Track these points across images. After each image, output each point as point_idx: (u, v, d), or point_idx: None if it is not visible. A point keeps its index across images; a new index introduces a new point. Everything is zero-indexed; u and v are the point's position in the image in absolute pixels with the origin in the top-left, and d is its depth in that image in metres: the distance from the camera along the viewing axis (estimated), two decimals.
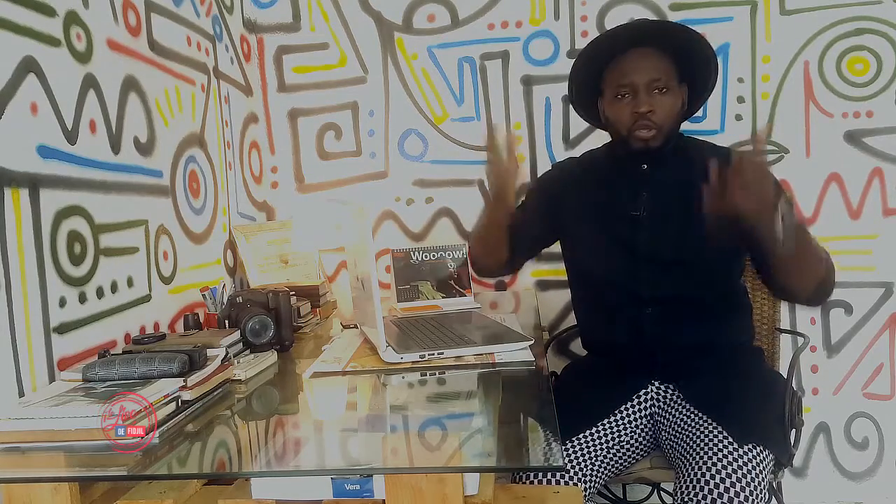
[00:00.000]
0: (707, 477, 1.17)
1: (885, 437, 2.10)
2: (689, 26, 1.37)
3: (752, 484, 1.16)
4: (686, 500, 1.18)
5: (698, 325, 1.38)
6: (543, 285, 2.14)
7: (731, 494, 1.14)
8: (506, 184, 1.37)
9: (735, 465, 1.17)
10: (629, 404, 1.42)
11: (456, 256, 1.88)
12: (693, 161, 1.38)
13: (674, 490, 1.25)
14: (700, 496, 1.16)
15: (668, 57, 1.36)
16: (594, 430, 1.38)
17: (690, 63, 1.37)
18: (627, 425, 1.40)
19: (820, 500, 2.13)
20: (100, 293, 1.29)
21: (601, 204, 1.46)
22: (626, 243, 1.42)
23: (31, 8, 1.14)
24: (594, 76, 1.43)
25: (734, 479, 1.15)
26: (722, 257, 1.40)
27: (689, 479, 1.20)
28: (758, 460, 1.20)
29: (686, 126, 2.02)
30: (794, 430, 1.38)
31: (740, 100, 2.04)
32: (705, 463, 1.19)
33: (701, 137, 1.53)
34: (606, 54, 1.39)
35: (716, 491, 1.15)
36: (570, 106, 1.56)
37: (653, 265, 1.40)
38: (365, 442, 0.95)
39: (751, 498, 1.14)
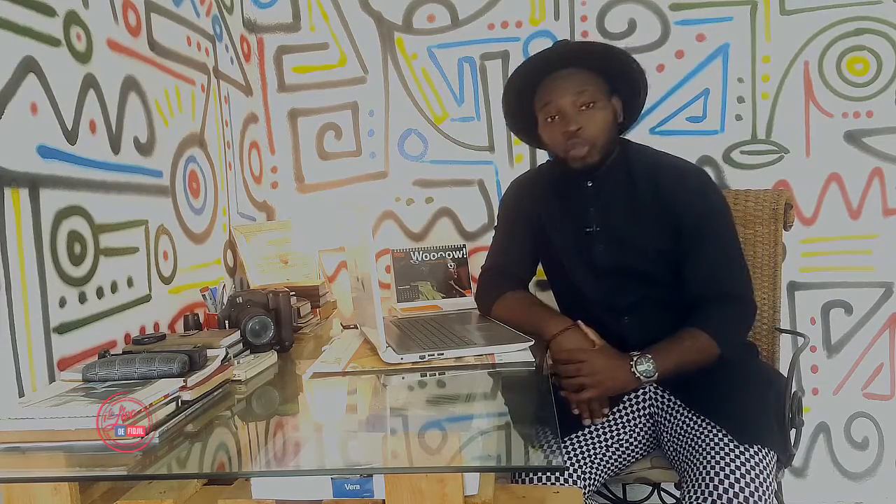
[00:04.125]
0: (716, 482, 1.17)
1: (885, 437, 2.10)
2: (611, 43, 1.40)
3: (762, 487, 1.16)
4: None
5: (679, 328, 1.36)
6: (543, 285, 2.14)
7: (741, 500, 1.14)
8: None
9: (743, 469, 1.17)
10: (628, 403, 1.42)
11: (456, 256, 1.89)
12: (636, 172, 1.41)
13: (680, 495, 1.25)
14: (709, 501, 1.16)
15: (591, 73, 1.37)
16: (593, 429, 1.38)
17: (615, 75, 1.38)
18: (626, 424, 1.40)
19: (820, 500, 2.12)
20: (100, 293, 1.29)
21: (559, 222, 1.48)
22: (586, 259, 1.44)
23: (31, 8, 1.14)
24: (526, 105, 1.45)
25: (743, 483, 1.15)
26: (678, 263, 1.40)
27: (695, 484, 1.20)
28: (764, 463, 1.20)
29: (687, 126, 2.05)
30: (794, 430, 1.37)
31: (740, 100, 2.04)
32: (713, 468, 1.19)
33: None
34: (531, 82, 1.40)
35: (725, 496, 1.15)
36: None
37: (616, 277, 1.41)
38: (365, 442, 0.95)
39: (759, 502, 1.14)
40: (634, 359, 1.27)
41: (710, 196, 1.40)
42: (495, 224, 1.64)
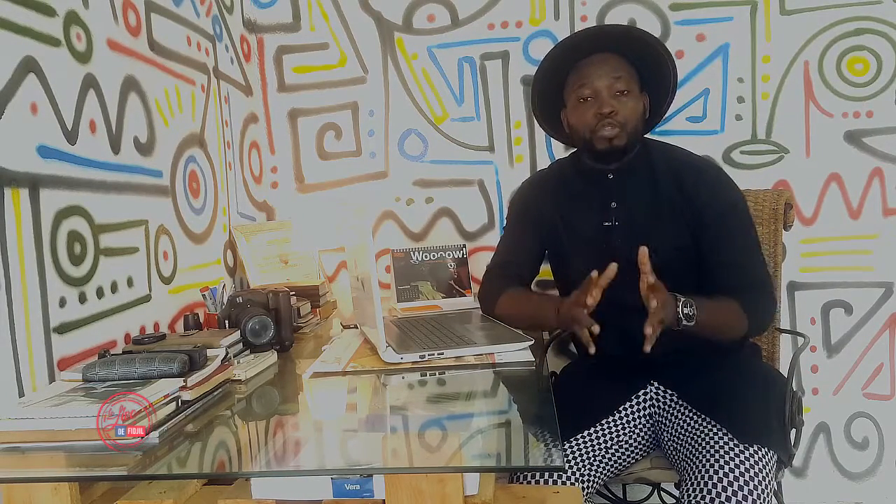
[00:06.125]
0: (714, 480, 1.17)
1: (885, 437, 2.10)
2: (649, 32, 1.39)
3: (761, 486, 1.16)
4: (692, 502, 1.18)
5: None
6: (543, 285, 2.14)
7: (739, 498, 1.14)
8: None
9: (742, 467, 1.17)
10: (628, 404, 1.42)
11: (456, 256, 1.89)
12: (658, 167, 1.42)
13: (679, 493, 1.25)
14: (707, 499, 1.16)
15: (627, 62, 1.38)
16: (593, 429, 1.38)
17: (649, 69, 1.39)
18: (627, 425, 1.40)
19: (820, 500, 2.12)
20: (100, 293, 1.29)
21: (575, 217, 1.48)
22: (603, 253, 1.41)
23: (31, 8, 1.14)
24: (556, 86, 1.44)
25: (742, 481, 1.16)
26: (696, 259, 1.41)
27: (695, 482, 1.20)
28: (763, 461, 1.20)
29: (686, 126, 2.05)
30: (794, 430, 1.38)
31: (740, 100, 2.04)
32: (711, 465, 1.19)
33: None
34: (568, 62, 1.40)
35: (724, 494, 1.15)
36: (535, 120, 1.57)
37: (632, 272, 1.39)
38: (365, 442, 0.95)
39: (758, 501, 1.14)
40: (680, 300, 1.24)
41: (731, 191, 1.41)
42: (504, 224, 1.65)
